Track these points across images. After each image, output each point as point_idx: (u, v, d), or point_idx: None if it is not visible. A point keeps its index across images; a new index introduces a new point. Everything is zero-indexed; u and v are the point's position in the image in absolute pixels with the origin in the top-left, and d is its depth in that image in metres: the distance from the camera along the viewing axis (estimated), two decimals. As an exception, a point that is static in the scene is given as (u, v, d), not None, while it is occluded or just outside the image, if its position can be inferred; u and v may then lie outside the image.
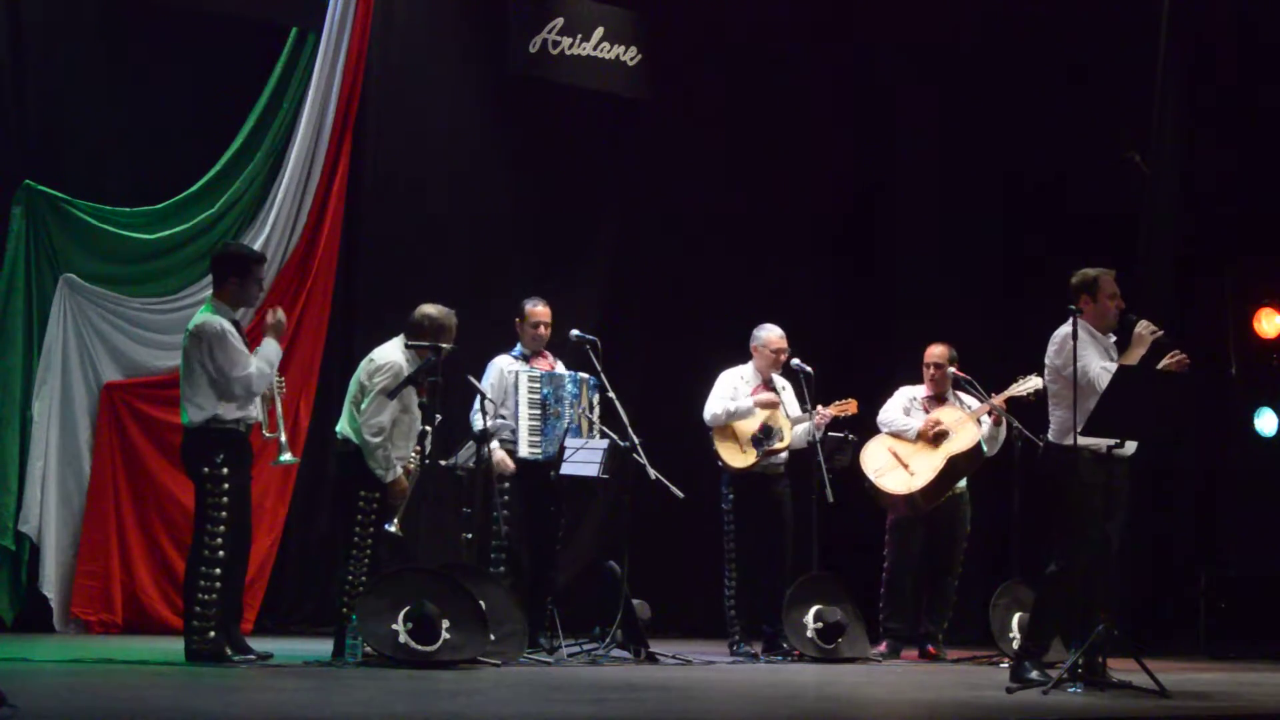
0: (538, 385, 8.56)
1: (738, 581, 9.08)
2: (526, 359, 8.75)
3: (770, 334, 9.23)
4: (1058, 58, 11.43)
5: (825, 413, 9.09)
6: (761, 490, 9.04)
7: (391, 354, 8.00)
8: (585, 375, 8.60)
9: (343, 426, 8.06)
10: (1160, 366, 7.22)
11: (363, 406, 7.87)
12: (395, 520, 7.86)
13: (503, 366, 8.71)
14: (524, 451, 8.49)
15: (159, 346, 9.66)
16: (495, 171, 11.14)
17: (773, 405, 9.02)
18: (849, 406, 9.21)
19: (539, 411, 8.51)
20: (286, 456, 8.09)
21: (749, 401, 9.04)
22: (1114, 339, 7.42)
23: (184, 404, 7.51)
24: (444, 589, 7.45)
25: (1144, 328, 7.26)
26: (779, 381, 9.25)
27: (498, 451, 8.50)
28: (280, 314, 7.87)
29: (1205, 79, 11.03)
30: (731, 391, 9.12)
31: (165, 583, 9.58)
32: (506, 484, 8.54)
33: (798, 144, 12.13)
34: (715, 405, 9.09)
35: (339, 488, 8.32)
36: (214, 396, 7.42)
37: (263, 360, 7.57)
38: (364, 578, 7.85)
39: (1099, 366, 7.09)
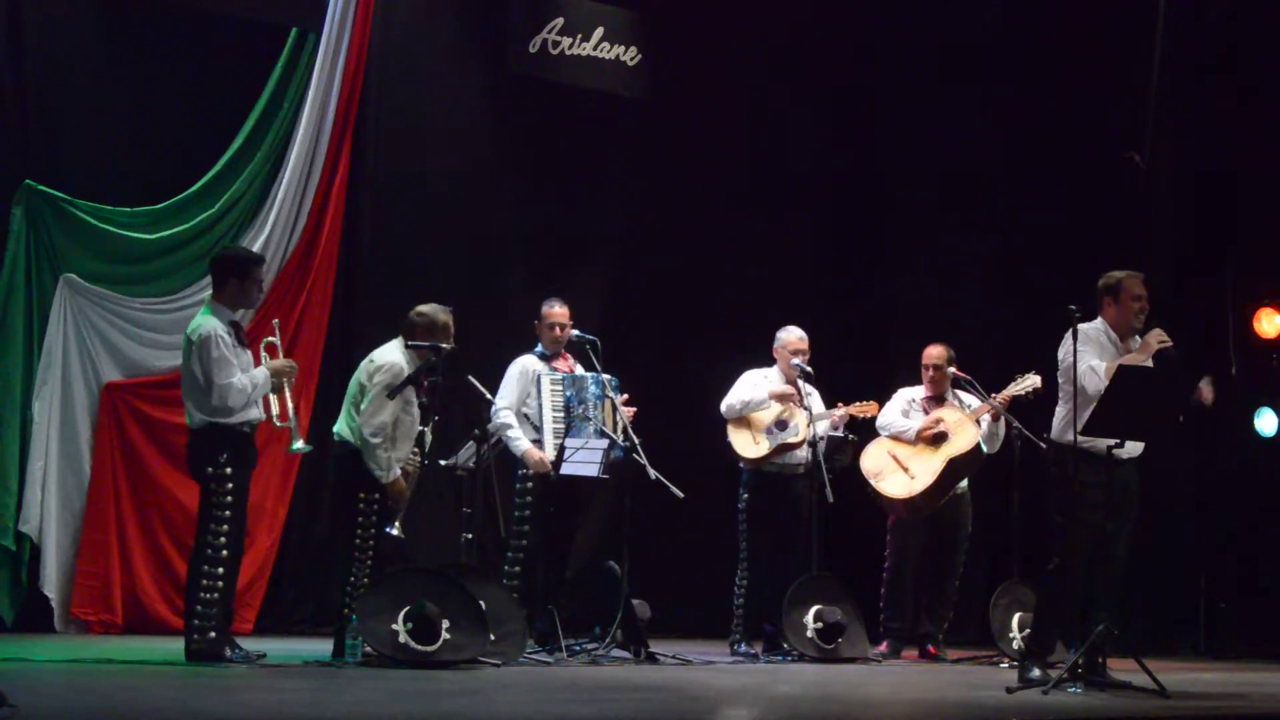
0: (559, 387, 8.56)
1: (749, 581, 9.08)
2: (547, 359, 8.75)
3: (788, 335, 9.22)
4: (1057, 57, 11.42)
5: (844, 411, 9.10)
6: (780, 490, 9.03)
7: (392, 355, 7.99)
8: (607, 375, 8.59)
9: (340, 427, 8.04)
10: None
11: (363, 406, 7.86)
12: (396, 523, 7.86)
13: (525, 365, 8.70)
14: (552, 455, 8.49)
15: (159, 346, 9.66)
16: (495, 171, 11.14)
17: (788, 397, 9.00)
18: (869, 409, 9.20)
19: (563, 414, 8.51)
20: (299, 444, 8.02)
21: (763, 392, 9.03)
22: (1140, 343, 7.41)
23: (186, 406, 7.52)
24: (444, 589, 7.46)
25: (1153, 336, 7.29)
26: (805, 388, 9.21)
27: (531, 446, 8.50)
28: (293, 366, 7.85)
29: (1205, 78, 11.03)
30: (751, 389, 9.13)
31: (165, 583, 9.58)
32: (530, 484, 8.53)
33: (797, 144, 12.13)
34: (731, 397, 9.11)
35: (338, 489, 8.32)
36: (203, 404, 7.41)
37: (248, 379, 7.46)
38: (365, 579, 7.85)
39: (1086, 365, 7.13)
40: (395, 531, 7.85)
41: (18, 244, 9.38)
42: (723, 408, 9.14)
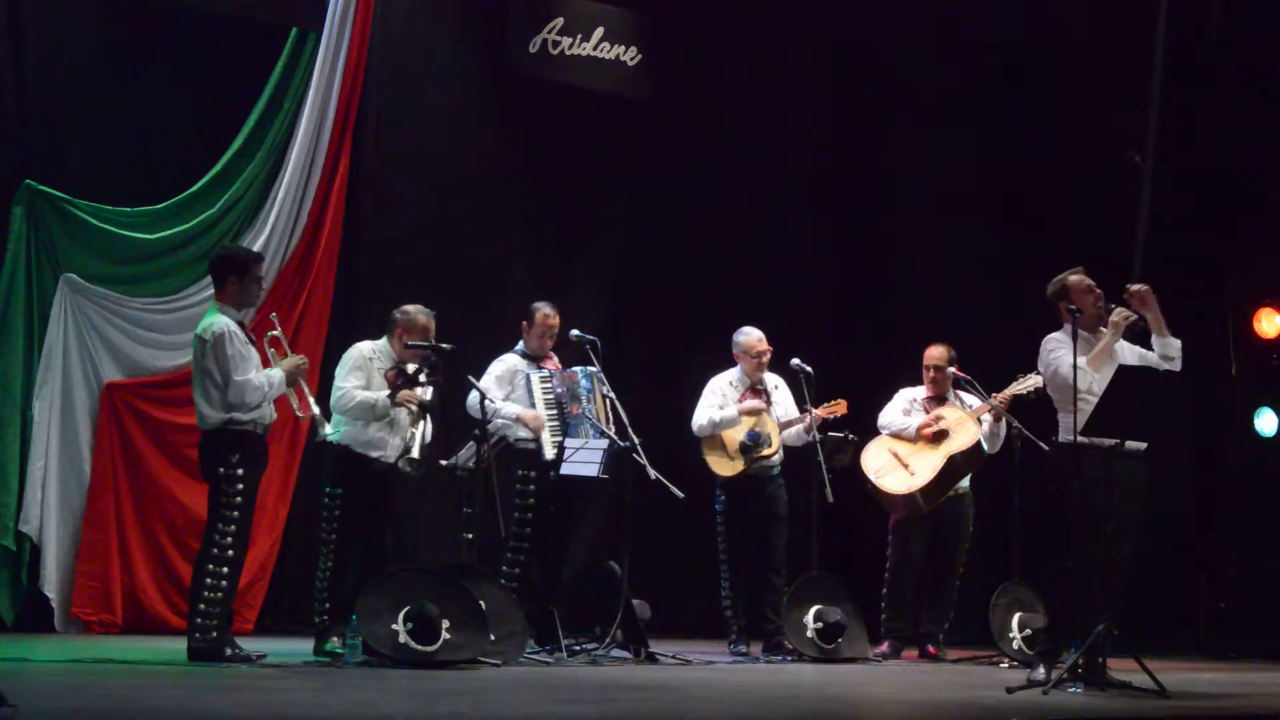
0: (550, 384, 8.57)
1: (731, 582, 9.09)
2: (533, 359, 8.75)
3: (748, 337, 9.19)
4: (1057, 56, 11.42)
5: (815, 414, 9.07)
6: (755, 493, 9.03)
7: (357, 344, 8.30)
8: (591, 368, 8.60)
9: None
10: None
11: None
12: (415, 448, 7.92)
13: (511, 364, 8.71)
14: (549, 453, 8.49)
15: (160, 346, 9.67)
16: (495, 171, 11.14)
17: (757, 411, 8.99)
18: (837, 408, 9.17)
19: (555, 411, 8.51)
20: (327, 430, 8.11)
21: (734, 410, 9.02)
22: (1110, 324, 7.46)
23: (197, 407, 7.53)
24: (444, 589, 7.46)
25: (1118, 314, 7.37)
26: (771, 380, 9.21)
27: (522, 408, 8.52)
28: (304, 360, 7.94)
29: (1204, 78, 11.03)
30: (720, 399, 9.11)
31: (165, 583, 9.59)
32: (532, 485, 8.53)
33: (797, 144, 12.14)
34: (701, 415, 9.10)
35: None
36: (219, 401, 7.44)
37: (263, 377, 7.53)
38: (329, 576, 8.09)
39: (1067, 363, 7.23)
40: (415, 454, 7.91)
41: (18, 244, 9.38)
42: (694, 427, 9.11)
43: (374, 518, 8.20)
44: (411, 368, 8.19)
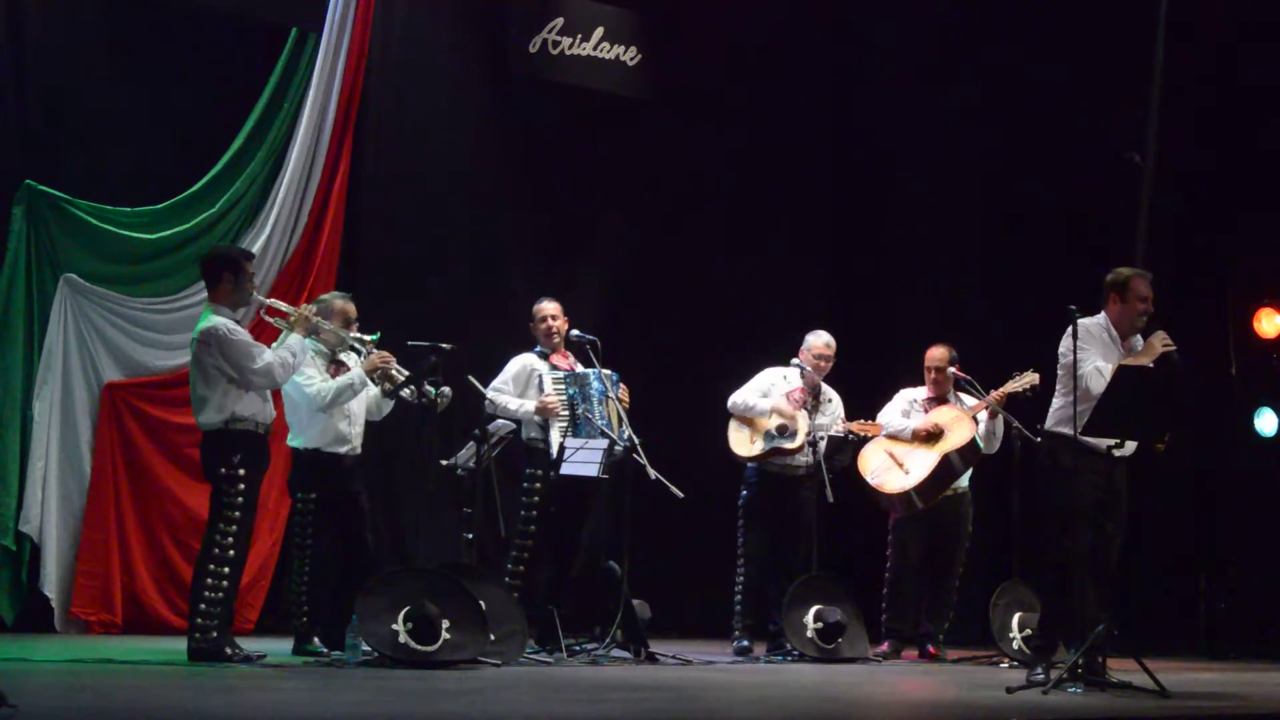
0: (562, 385, 8.56)
1: (745, 579, 9.08)
2: (546, 357, 8.75)
3: (815, 340, 9.16)
4: (1057, 55, 11.42)
5: (848, 427, 9.09)
6: (782, 491, 9.02)
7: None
8: (608, 371, 8.59)
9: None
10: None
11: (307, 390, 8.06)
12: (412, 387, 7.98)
13: (526, 362, 8.71)
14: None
15: (160, 346, 9.67)
16: (495, 171, 11.15)
17: (789, 417, 8.98)
18: (873, 429, 9.20)
19: (568, 412, 8.51)
20: (446, 390, 8.12)
21: (768, 404, 9.01)
22: (1141, 342, 7.42)
23: (198, 408, 7.53)
24: (444, 589, 7.46)
25: (1158, 338, 7.29)
26: (826, 392, 9.19)
27: (534, 401, 8.50)
28: (309, 307, 7.91)
29: (1205, 77, 11.03)
30: (766, 387, 9.10)
31: (165, 583, 9.59)
32: (538, 484, 8.53)
33: (797, 144, 12.13)
34: (739, 395, 9.08)
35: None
36: (235, 394, 7.45)
37: (285, 350, 7.59)
38: (306, 578, 8.11)
39: (1092, 366, 7.14)
40: (444, 389, 7.96)
41: (18, 244, 9.39)
42: (729, 402, 9.13)
43: (349, 517, 8.18)
44: (343, 354, 8.18)
